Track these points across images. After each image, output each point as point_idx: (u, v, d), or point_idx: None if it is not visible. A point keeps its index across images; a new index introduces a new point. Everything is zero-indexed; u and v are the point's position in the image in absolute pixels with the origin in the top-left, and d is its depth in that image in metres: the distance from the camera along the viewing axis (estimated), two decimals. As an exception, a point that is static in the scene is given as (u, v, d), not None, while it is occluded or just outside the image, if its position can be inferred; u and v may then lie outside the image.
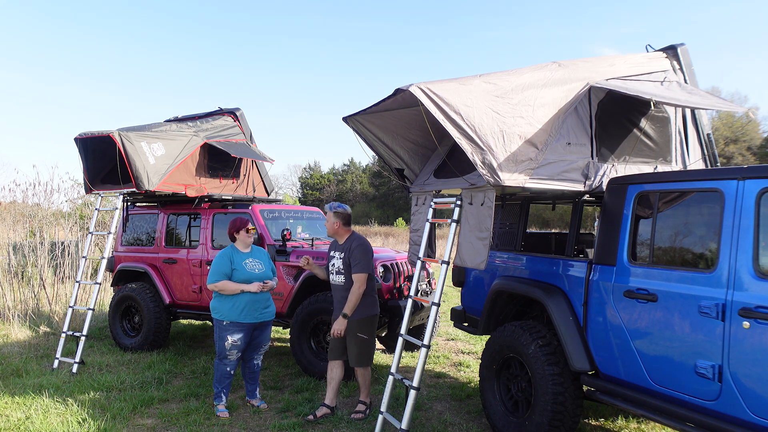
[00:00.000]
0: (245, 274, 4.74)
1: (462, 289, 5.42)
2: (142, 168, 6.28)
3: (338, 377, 4.77)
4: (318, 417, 4.64)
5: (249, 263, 4.82)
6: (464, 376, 6.08)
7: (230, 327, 4.69)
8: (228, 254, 4.80)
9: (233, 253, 4.81)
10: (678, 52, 4.73)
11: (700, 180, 3.27)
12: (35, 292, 9.07)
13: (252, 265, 4.83)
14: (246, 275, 4.74)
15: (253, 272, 4.78)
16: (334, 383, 4.76)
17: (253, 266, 4.83)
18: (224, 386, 4.81)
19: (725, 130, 32.16)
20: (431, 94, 3.61)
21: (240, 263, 4.77)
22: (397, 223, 41.37)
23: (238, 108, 7.90)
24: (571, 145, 3.96)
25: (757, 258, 2.87)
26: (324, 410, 4.70)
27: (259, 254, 4.99)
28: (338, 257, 4.68)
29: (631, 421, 4.69)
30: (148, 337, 6.86)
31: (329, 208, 4.74)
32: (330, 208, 4.73)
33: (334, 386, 4.76)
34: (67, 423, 4.47)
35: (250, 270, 4.78)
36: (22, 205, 13.03)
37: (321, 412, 4.69)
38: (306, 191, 62.62)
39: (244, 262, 4.80)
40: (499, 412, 4.23)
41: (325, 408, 4.71)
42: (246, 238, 4.87)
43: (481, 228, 3.89)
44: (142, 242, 7.38)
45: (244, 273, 4.75)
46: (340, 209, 4.71)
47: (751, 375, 2.82)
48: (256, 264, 4.86)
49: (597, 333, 3.70)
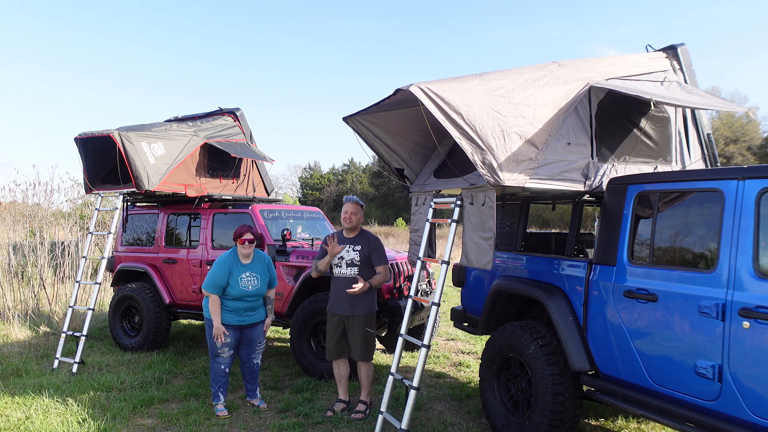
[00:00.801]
0: (238, 291, 4.72)
1: (462, 289, 5.42)
2: (142, 168, 6.28)
3: (346, 373, 4.89)
4: (337, 411, 4.74)
5: (245, 278, 4.77)
6: (464, 376, 6.08)
7: None
8: (228, 264, 4.75)
9: (234, 265, 4.77)
10: (678, 52, 4.73)
11: (700, 180, 3.27)
12: (35, 292, 9.07)
13: (247, 280, 4.77)
14: (238, 292, 4.72)
15: (246, 289, 4.75)
16: (344, 380, 4.89)
17: (248, 282, 4.77)
18: (221, 385, 4.82)
19: (725, 130, 32.15)
20: (431, 94, 3.61)
21: (237, 277, 4.73)
22: (397, 223, 41.34)
23: (238, 108, 7.90)
24: (571, 145, 3.96)
25: (757, 258, 2.87)
26: (341, 405, 4.82)
27: (259, 265, 4.88)
28: (351, 249, 4.71)
29: (631, 421, 4.69)
30: (148, 337, 6.86)
31: (353, 199, 4.80)
32: (355, 200, 4.80)
33: (344, 382, 4.89)
34: (67, 423, 4.47)
35: (243, 287, 4.74)
36: (22, 205, 13.03)
37: (339, 407, 4.80)
38: (306, 191, 62.57)
39: (240, 276, 4.75)
40: (499, 412, 4.23)
41: (342, 403, 4.83)
42: (243, 250, 4.81)
43: (484, 228, 3.89)
44: (142, 242, 7.38)
45: (237, 289, 4.72)
46: (361, 203, 4.85)
47: (751, 375, 2.82)
48: (251, 279, 4.79)
49: (597, 333, 3.70)
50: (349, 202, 4.78)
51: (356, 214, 4.75)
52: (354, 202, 4.77)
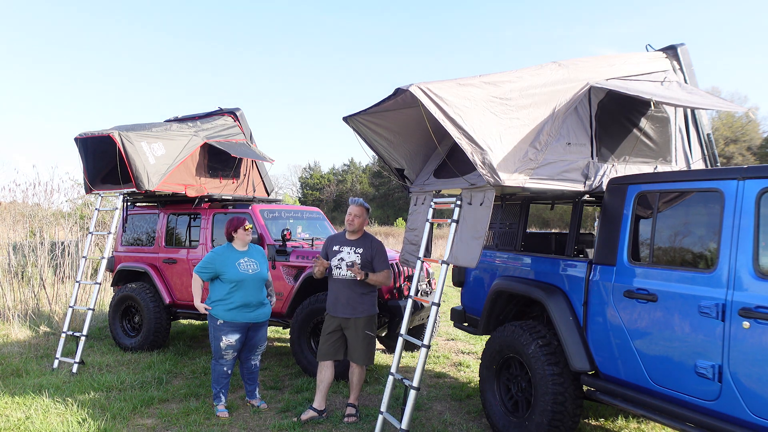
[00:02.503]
0: (238, 275, 4.71)
1: (462, 289, 5.42)
2: (142, 168, 6.28)
3: (328, 379, 4.67)
4: (303, 420, 4.56)
5: (243, 263, 4.78)
6: (464, 376, 6.08)
7: (224, 327, 4.68)
8: (221, 252, 4.78)
9: (228, 251, 4.79)
10: (678, 52, 4.73)
11: (700, 180, 3.27)
12: (35, 292, 9.07)
13: (246, 264, 4.78)
14: (238, 275, 4.71)
15: (246, 272, 4.74)
16: (323, 385, 4.66)
17: (248, 266, 4.78)
18: (222, 386, 4.81)
19: (725, 130, 32.15)
20: (431, 94, 3.61)
21: (233, 263, 4.73)
22: (397, 223, 41.31)
23: (238, 108, 7.90)
24: (571, 145, 3.96)
25: (757, 258, 2.87)
26: (311, 413, 4.62)
27: (256, 253, 4.94)
28: (352, 252, 4.63)
29: (631, 421, 4.69)
30: (148, 337, 6.86)
31: (359, 201, 4.76)
32: (361, 202, 4.75)
33: (323, 389, 4.66)
34: (67, 423, 4.47)
35: (243, 270, 4.74)
36: (22, 205, 13.02)
37: (307, 415, 4.61)
38: (306, 191, 62.57)
39: (238, 261, 4.75)
40: (499, 412, 4.23)
41: (313, 411, 4.63)
42: (244, 236, 4.84)
43: (477, 228, 3.89)
44: (142, 242, 7.38)
45: (237, 273, 4.71)
46: (367, 207, 4.79)
47: (751, 375, 2.82)
48: (251, 264, 4.81)
49: (597, 333, 3.70)
50: (354, 204, 4.73)
51: (359, 216, 4.69)
52: (359, 205, 4.72)
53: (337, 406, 4.99)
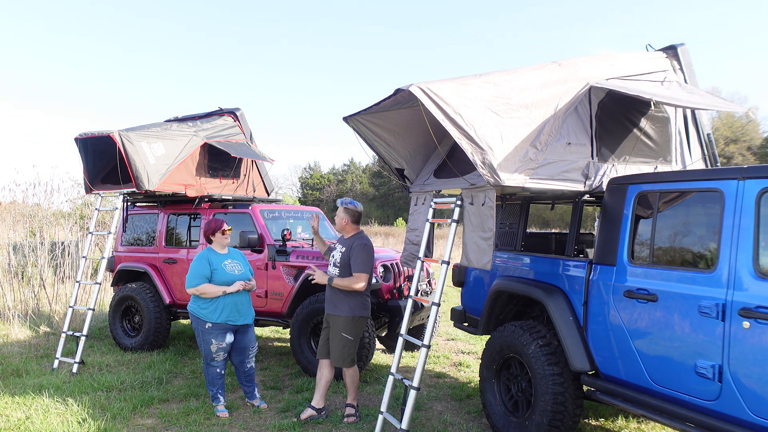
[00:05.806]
0: (226, 276, 4.72)
1: (462, 289, 5.42)
2: (143, 168, 6.28)
3: (327, 378, 4.67)
4: (302, 419, 4.57)
5: (228, 264, 4.80)
6: (464, 376, 6.08)
7: (213, 330, 4.67)
8: (205, 256, 4.77)
9: (210, 255, 4.79)
10: (678, 52, 4.74)
11: (700, 180, 3.27)
12: (35, 292, 9.07)
13: (232, 266, 4.81)
14: (227, 277, 4.72)
15: (233, 273, 4.77)
16: (322, 384, 4.66)
17: (233, 267, 4.81)
18: (218, 387, 4.82)
19: (725, 130, 32.13)
20: (431, 94, 3.61)
21: (219, 264, 4.75)
22: (397, 223, 41.33)
23: (238, 108, 7.90)
24: (571, 145, 3.96)
25: (757, 258, 2.87)
26: (310, 412, 4.63)
27: (237, 255, 4.97)
28: (339, 251, 4.66)
29: (631, 421, 4.69)
30: (148, 337, 6.86)
31: (340, 203, 4.72)
32: (341, 203, 4.71)
33: (322, 387, 4.66)
34: (67, 423, 4.47)
35: (230, 271, 4.76)
36: (22, 205, 13.01)
37: (306, 414, 4.62)
38: (306, 191, 62.55)
39: (223, 263, 4.77)
40: (499, 412, 4.23)
41: (312, 410, 4.64)
42: (222, 240, 4.85)
43: (484, 228, 3.89)
44: (142, 242, 7.38)
45: (225, 275, 4.72)
46: (351, 206, 4.69)
47: (751, 375, 2.82)
48: (235, 265, 4.84)
49: (597, 333, 3.70)
50: (339, 204, 4.74)
51: (338, 216, 4.70)
52: (340, 205, 4.71)
53: (337, 406, 4.99)
